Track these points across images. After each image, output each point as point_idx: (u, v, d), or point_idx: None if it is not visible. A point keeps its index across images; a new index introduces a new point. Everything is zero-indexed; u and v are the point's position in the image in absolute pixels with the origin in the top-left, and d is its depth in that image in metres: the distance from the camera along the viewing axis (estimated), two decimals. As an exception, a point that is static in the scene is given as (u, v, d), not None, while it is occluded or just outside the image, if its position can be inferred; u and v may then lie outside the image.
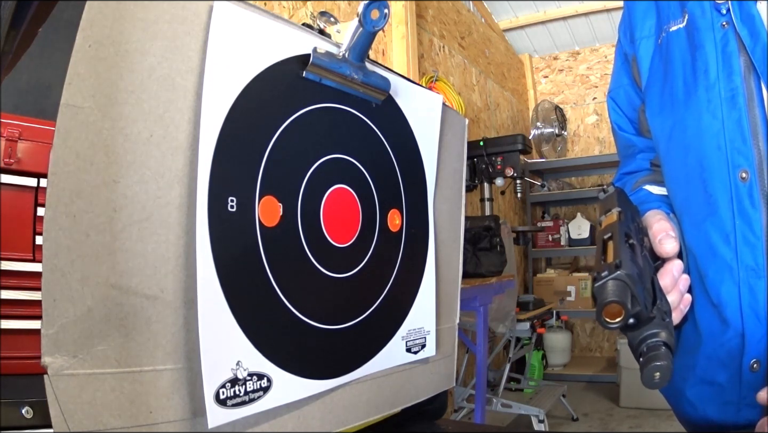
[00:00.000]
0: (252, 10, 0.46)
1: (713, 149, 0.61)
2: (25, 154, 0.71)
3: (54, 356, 0.35)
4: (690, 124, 0.64)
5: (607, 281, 0.43)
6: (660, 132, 0.70)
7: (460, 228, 0.73)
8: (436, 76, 2.90)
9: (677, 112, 0.66)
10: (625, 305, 0.43)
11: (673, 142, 0.67)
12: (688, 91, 0.64)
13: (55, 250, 0.35)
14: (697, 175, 0.63)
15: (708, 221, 0.62)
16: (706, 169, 0.62)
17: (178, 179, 0.41)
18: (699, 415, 0.66)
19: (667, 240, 0.56)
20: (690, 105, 0.64)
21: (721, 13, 0.62)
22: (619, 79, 0.80)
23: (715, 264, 0.62)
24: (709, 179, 0.62)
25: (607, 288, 0.43)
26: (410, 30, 2.61)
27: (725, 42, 0.61)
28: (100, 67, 0.37)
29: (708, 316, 0.64)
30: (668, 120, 0.67)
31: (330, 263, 0.53)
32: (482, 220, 2.32)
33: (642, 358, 0.46)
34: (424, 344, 0.65)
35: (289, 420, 0.49)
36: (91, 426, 0.36)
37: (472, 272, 2.16)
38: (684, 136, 0.65)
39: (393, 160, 0.61)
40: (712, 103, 0.61)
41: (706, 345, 0.64)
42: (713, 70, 0.62)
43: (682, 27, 0.66)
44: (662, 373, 0.44)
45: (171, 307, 0.41)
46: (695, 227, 0.65)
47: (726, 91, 0.61)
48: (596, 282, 0.44)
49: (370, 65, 0.57)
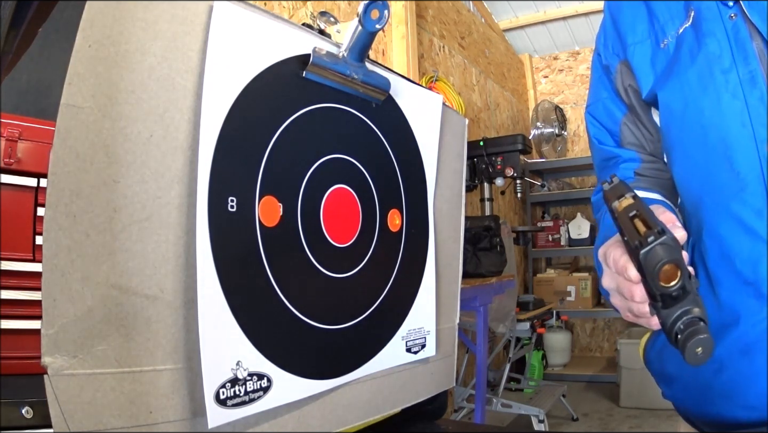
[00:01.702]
0: (252, 10, 0.46)
1: (737, 127, 0.62)
2: (25, 154, 0.71)
3: (54, 356, 0.35)
4: (707, 106, 0.64)
5: (655, 245, 0.43)
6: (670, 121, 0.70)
7: (460, 228, 0.73)
8: (436, 76, 2.90)
9: (691, 97, 0.66)
10: (681, 263, 0.43)
11: (688, 126, 0.67)
12: (702, 76, 0.65)
13: (55, 250, 0.35)
14: (720, 154, 0.63)
15: (737, 198, 0.62)
16: (730, 146, 0.62)
17: (178, 179, 0.41)
18: (737, 404, 0.65)
19: (676, 229, 0.56)
20: (706, 88, 0.64)
21: (728, 6, 0.63)
22: (597, 93, 0.82)
23: (749, 240, 0.62)
24: (735, 156, 0.62)
25: (658, 252, 0.43)
26: (410, 30, 2.61)
27: (736, 30, 0.62)
28: (100, 67, 0.37)
29: (740, 296, 0.64)
30: (678, 105, 0.68)
31: (330, 263, 0.53)
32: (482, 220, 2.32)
33: (680, 336, 0.45)
34: (424, 344, 0.65)
35: (289, 420, 0.49)
36: (91, 426, 0.36)
37: (472, 272, 2.16)
38: (701, 118, 0.65)
39: (393, 160, 0.61)
40: (731, 84, 0.62)
41: (739, 327, 0.64)
42: (727, 56, 0.63)
43: (689, 26, 0.67)
44: (705, 347, 0.43)
45: (171, 307, 0.41)
46: (721, 206, 0.64)
47: (744, 73, 0.62)
48: (643, 249, 0.43)
49: (370, 65, 0.57)
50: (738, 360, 0.64)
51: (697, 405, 0.71)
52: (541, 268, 4.35)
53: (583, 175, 4.50)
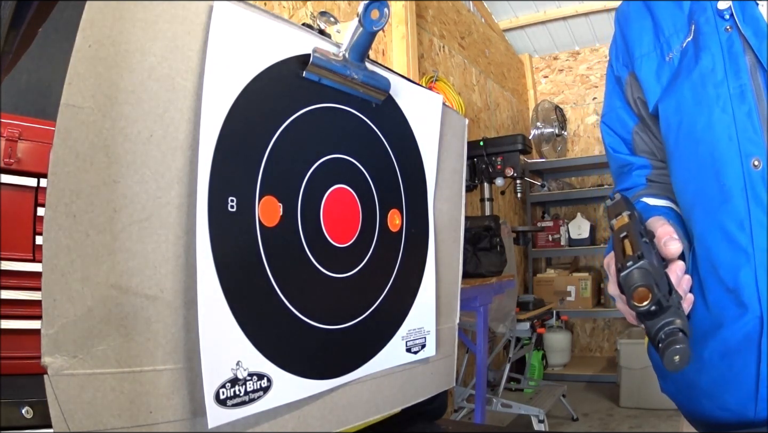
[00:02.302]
0: (252, 10, 0.46)
1: (725, 141, 0.64)
2: (25, 154, 0.71)
3: (54, 356, 0.35)
4: (699, 119, 0.67)
5: (633, 269, 0.49)
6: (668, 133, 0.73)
7: (460, 228, 0.73)
8: (436, 76, 2.90)
9: (685, 110, 0.69)
10: (652, 287, 0.48)
11: (682, 138, 0.70)
12: (696, 90, 0.67)
13: (55, 250, 0.35)
14: (709, 167, 0.66)
15: (722, 209, 0.65)
16: (718, 159, 0.65)
17: (178, 179, 0.41)
18: (716, 405, 0.68)
19: (671, 242, 0.59)
20: (700, 102, 0.67)
21: (724, 19, 0.66)
22: (611, 103, 0.84)
23: (731, 250, 0.65)
24: (722, 169, 0.65)
25: (634, 275, 0.49)
26: (410, 30, 2.61)
27: (730, 44, 0.65)
28: (100, 67, 0.37)
29: (724, 302, 0.66)
30: (674, 118, 0.70)
31: (330, 263, 0.53)
32: (482, 220, 2.32)
33: (661, 344, 0.49)
34: (424, 344, 0.65)
35: (289, 420, 0.49)
36: (91, 426, 0.36)
37: (472, 272, 2.16)
38: (694, 130, 0.68)
39: (393, 160, 0.61)
40: (721, 98, 0.65)
41: (722, 331, 0.66)
42: (720, 70, 0.65)
43: (691, 40, 0.70)
44: (681, 355, 0.48)
45: (171, 307, 0.41)
46: (709, 216, 0.67)
47: (734, 87, 0.64)
48: (622, 272, 0.50)
49: (370, 65, 0.57)
50: (718, 363, 0.67)
51: (687, 401, 0.74)
52: (541, 268, 4.35)
53: (583, 175, 4.50)
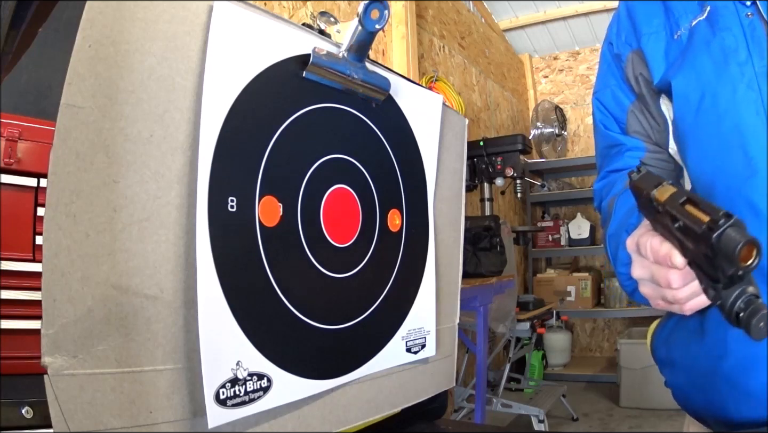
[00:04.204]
0: (252, 10, 0.46)
1: (752, 115, 0.66)
2: (25, 154, 0.71)
3: (54, 356, 0.35)
4: (722, 95, 0.68)
5: (726, 228, 0.44)
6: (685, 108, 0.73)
7: (460, 228, 0.73)
8: (436, 76, 2.90)
9: (707, 86, 0.70)
10: (757, 241, 0.43)
11: (703, 113, 0.71)
12: (718, 66, 0.69)
13: (55, 250, 0.35)
14: (734, 141, 0.68)
15: (748, 183, 0.66)
16: (743, 134, 0.67)
17: (178, 179, 0.41)
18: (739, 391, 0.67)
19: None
20: (721, 77, 0.68)
21: (745, 5, 0.67)
22: (606, 81, 0.83)
23: (758, 222, 0.65)
24: (749, 143, 0.66)
25: (731, 234, 0.44)
26: (410, 30, 2.61)
27: (753, 28, 0.67)
28: (100, 67, 0.37)
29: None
30: (695, 93, 0.71)
31: (330, 263, 0.53)
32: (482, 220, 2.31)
33: (742, 314, 0.46)
34: (424, 344, 0.65)
35: (289, 420, 0.49)
36: (91, 426, 0.36)
37: (472, 272, 2.16)
38: (716, 106, 0.69)
39: (393, 160, 0.61)
40: (746, 76, 0.67)
41: None
42: (743, 50, 0.67)
43: (703, 19, 0.71)
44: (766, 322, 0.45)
45: (171, 307, 0.41)
46: (732, 190, 0.68)
47: (760, 66, 0.66)
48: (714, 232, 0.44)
49: (370, 65, 0.57)
50: (744, 345, 0.65)
51: (701, 391, 0.73)
52: (541, 268, 4.35)
53: (583, 175, 4.50)
